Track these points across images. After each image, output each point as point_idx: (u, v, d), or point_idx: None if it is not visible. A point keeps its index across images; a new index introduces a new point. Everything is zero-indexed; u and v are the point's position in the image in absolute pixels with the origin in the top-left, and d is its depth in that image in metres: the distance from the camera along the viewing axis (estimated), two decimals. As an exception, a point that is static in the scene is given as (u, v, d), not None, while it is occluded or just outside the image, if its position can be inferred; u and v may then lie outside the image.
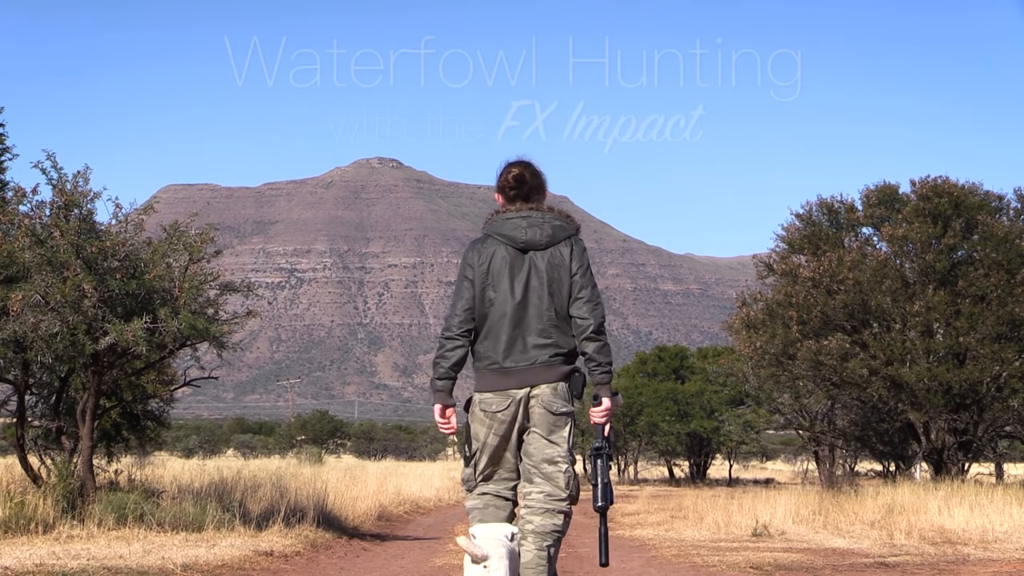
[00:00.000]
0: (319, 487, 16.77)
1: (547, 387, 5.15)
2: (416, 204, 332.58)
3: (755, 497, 18.08)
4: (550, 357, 5.15)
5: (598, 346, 5.17)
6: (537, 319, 5.15)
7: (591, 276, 5.23)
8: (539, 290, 5.17)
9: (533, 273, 5.18)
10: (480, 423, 5.18)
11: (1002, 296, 21.27)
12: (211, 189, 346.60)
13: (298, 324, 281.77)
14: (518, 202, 5.32)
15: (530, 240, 5.20)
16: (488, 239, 5.26)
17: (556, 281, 5.17)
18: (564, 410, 5.16)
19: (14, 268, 11.11)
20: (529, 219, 5.24)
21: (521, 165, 5.38)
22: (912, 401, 21.71)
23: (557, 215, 5.30)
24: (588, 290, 5.19)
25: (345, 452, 64.37)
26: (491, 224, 5.30)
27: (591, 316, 5.17)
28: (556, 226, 5.24)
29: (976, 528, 12.62)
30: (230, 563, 9.24)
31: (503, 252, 5.20)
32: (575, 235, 5.29)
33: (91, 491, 11.67)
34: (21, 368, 12.47)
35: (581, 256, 5.22)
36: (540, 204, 5.33)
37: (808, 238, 23.48)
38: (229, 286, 12.19)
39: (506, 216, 5.27)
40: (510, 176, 5.34)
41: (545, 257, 5.19)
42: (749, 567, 9.90)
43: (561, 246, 5.22)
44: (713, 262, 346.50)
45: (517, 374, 5.14)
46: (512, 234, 5.21)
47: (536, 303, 5.16)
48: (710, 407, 40.35)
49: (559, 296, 5.17)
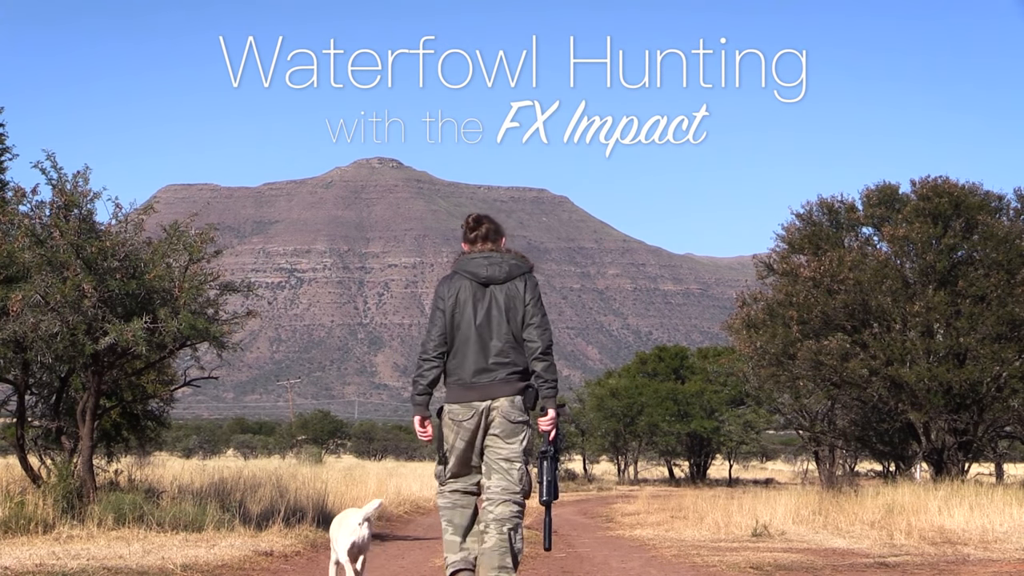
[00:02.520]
0: (319, 487, 16.78)
1: (505, 400, 6.14)
2: (416, 204, 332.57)
3: (755, 497, 18.08)
4: (508, 374, 6.14)
5: (545, 365, 6.16)
6: (497, 341, 6.13)
7: (541, 306, 6.24)
8: (498, 318, 6.16)
9: (493, 304, 6.18)
10: (449, 429, 6.18)
11: (1002, 296, 21.26)
12: (211, 189, 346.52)
13: (298, 324, 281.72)
14: (479, 243, 6.34)
15: (490, 276, 6.21)
16: (456, 275, 6.28)
17: (512, 310, 6.17)
18: (520, 419, 6.17)
19: (14, 268, 11.11)
20: (490, 259, 6.25)
21: (482, 215, 6.48)
22: (912, 401, 21.71)
23: (514, 256, 6.31)
24: (538, 317, 6.18)
25: (345, 452, 64.36)
26: (459, 263, 6.32)
27: (539, 339, 6.15)
28: (512, 264, 6.26)
29: (976, 528, 12.62)
30: (230, 563, 9.24)
31: (468, 286, 6.21)
32: (529, 272, 6.31)
33: (91, 491, 11.67)
34: (21, 368, 12.47)
35: (533, 290, 6.23)
36: (498, 246, 6.34)
37: (808, 238, 23.47)
38: (229, 286, 12.19)
39: (471, 256, 6.29)
40: (471, 220, 6.44)
41: (503, 290, 6.20)
42: (749, 567, 9.90)
43: (517, 281, 6.22)
44: (713, 262, 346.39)
45: (480, 388, 6.13)
46: (475, 271, 6.22)
47: (496, 328, 6.15)
48: (710, 407, 40.35)
49: (514, 322, 6.16)
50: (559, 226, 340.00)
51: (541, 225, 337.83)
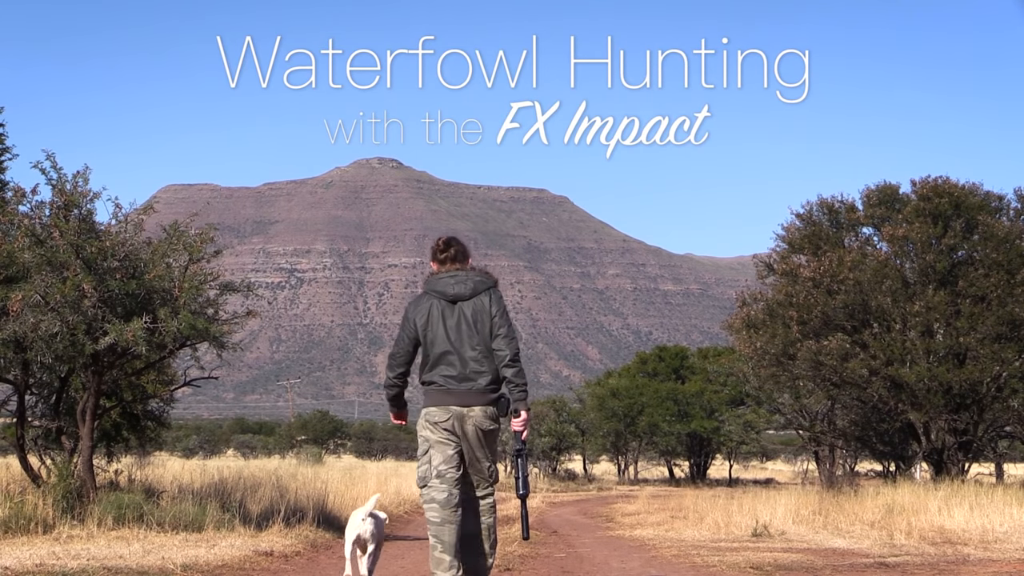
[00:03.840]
0: (319, 487, 16.76)
1: (479, 409, 6.69)
2: (416, 204, 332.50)
3: (755, 497, 18.07)
4: (485, 384, 6.69)
5: (515, 371, 6.68)
6: (469, 352, 6.69)
7: (507, 317, 6.80)
8: (468, 331, 6.72)
9: (462, 318, 6.74)
10: (427, 430, 6.75)
11: (1002, 296, 21.25)
12: (211, 189, 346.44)
13: (298, 324, 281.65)
14: (447, 264, 6.90)
15: (457, 294, 6.76)
16: (425, 295, 6.87)
17: (480, 323, 6.72)
18: (491, 427, 6.76)
19: (14, 268, 11.11)
20: (456, 278, 6.81)
21: (450, 238, 7.04)
22: (912, 401, 21.70)
23: (478, 273, 6.87)
24: (504, 328, 6.72)
25: (345, 452, 64.34)
26: (428, 283, 6.90)
27: (507, 348, 6.69)
28: (477, 281, 6.80)
29: (976, 528, 12.62)
30: (230, 563, 9.24)
31: (438, 304, 6.78)
32: (493, 287, 6.85)
33: (91, 491, 11.67)
34: (21, 368, 12.46)
35: (498, 303, 6.79)
36: (464, 266, 6.92)
37: (808, 238, 23.46)
38: (229, 286, 12.18)
39: (439, 277, 6.86)
40: (440, 243, 7.00)
41: (470, 305, 6.75)
42: (749, 567, 9.90)
43: (482, 296, 6.77)
44: (713, 262, 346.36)
45: (457, 395, 6.70)
46: (443, 290, 6.79)
47: (467, 340, 6.71)
48: (710, 407, 40.33)
49: (483, 334, 6.71)
50: (559, 226, 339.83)
51: (541, 225, 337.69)
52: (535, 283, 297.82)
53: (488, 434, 6.75)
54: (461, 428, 6.69)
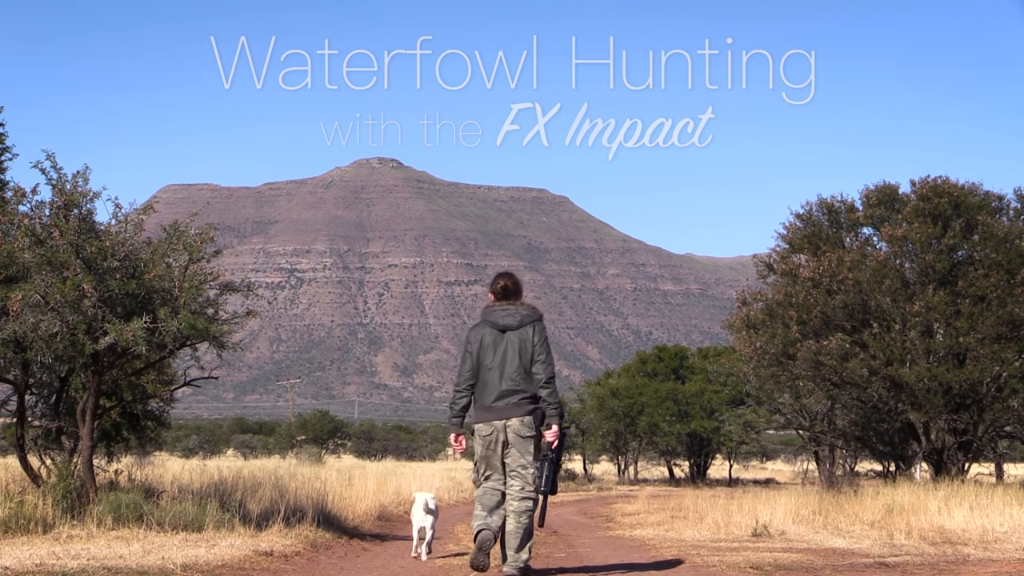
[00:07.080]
0: (319, 487, 16.76)
1: (517, 420, 8.19)
2: (416, 204, 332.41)
3: (755, 497, 18.07)
4: (520, 400, 8.20)
5: (549, 391, 8.20)
6: (512, 374, 8.19)
7: (547, 346, 8.31)
8: (512, 356, 8.23)
9: (509, 346, 8.26)
10: (477, 443, 8.31)
11: (1002, 296, 21.24)
12: (211, 189, 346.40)
13: (298, 324, 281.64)
14: (502, 300, 8.44)
15: (507, 325, 8.31)
16: (482, 323, 8.41)
17: (524, 351, 8.23)
18: (529, 435, 8.21)
19: (14, 268, 11.10)
20: (507, 311, 8.36)
21: (506, 277, 8.54)
22: (912, 401, 21.70)
23: (527, 307, 8.39)
24: (544, 355, 8.24)
25: (345, 452, 64.37)
26: (485, 314, 8.44)
27: (543, 372, 8.21)
28: (524, 315, 8.33)
29: (976, 528, 12.61)
30: (230, 563, 9.24)
31: (491, 332, 8.33)
32: (538, 320, 8.36)
33: (91, 491, 11.66)
34: (21, 368, 12.46)
35: (540, 333, 8.30)
36: (517, 300, 8.47)
37: (808, 238, 23.46)
38: (229, 286, 12.17)
39: (493, 309, 8.41)
40: (499, 287, 8.47)
41: (517, 335, 8.27)
42: (749, 567, 9.90)
43: (527, 327, 8.29)
44: (713, 262, 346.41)
45: (497, 411, 8.22)
46: (496, 321, 8.34)
47: (510, 364, 8.22)
48: (710, 407, 40.34)
49: (525, 359, 8.23)
50: (559, 226, 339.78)
51: (541, 225, 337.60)
52: (535, 283, 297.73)
53: (526, 440, 8.16)
54: (504, 439, 8.18)
